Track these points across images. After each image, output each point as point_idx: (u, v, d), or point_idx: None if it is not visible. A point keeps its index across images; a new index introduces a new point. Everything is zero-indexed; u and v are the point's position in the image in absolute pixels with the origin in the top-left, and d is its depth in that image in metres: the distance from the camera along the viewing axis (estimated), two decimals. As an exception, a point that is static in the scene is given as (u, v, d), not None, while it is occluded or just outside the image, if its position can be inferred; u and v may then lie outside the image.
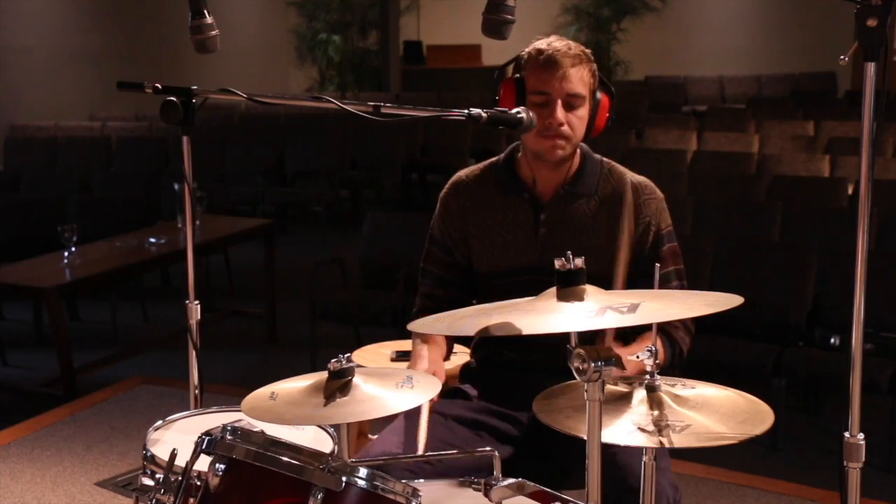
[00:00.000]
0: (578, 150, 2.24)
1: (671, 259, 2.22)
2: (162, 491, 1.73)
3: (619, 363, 1.52)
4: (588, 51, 2.19)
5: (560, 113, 2.11)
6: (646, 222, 2.19)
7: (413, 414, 2.05)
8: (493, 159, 2.33)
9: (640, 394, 1.73)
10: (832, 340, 4.05)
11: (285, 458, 1.55)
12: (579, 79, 2.12)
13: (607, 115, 2.19)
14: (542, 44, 2.14)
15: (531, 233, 2.21)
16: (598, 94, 2.17)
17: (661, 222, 2.22)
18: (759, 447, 3.91)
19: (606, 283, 2.00)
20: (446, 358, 2.33)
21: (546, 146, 2.14)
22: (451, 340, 2.35)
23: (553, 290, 1.59)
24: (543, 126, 2.10)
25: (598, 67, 2.22)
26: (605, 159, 2.28)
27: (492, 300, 2.19)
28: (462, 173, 2.35)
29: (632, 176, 2.26)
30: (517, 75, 2.17)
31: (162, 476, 1.75)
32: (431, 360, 2.22)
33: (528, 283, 2.15)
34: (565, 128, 2.12)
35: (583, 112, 2.15)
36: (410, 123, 8.39)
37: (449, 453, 2.03)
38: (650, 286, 1.80)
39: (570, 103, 2.13)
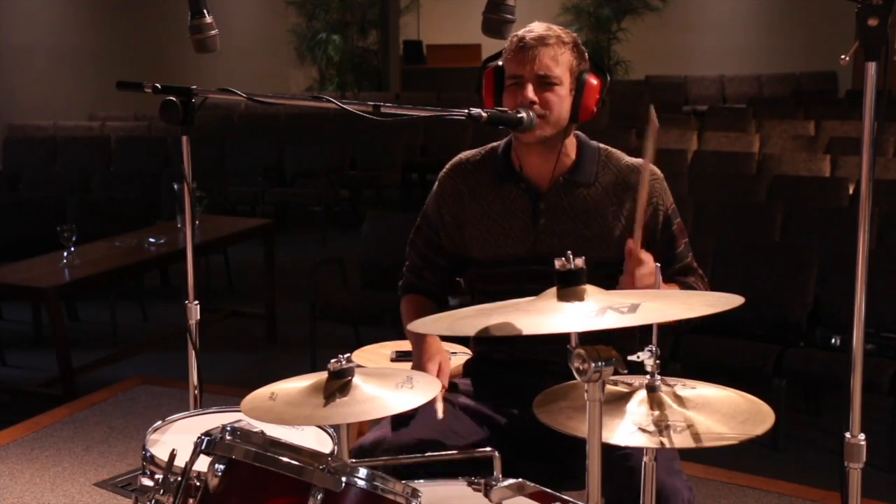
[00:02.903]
0: (575, 139, 2.24)
1: (681, 235, 2.26)
2: (161, 491, 1.72)
3: (619, 363, 1.51)
4: (573, 35, 2.18)
5: (530, 92, 2.10)
6: (654, 203, 2.21)
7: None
8: (495, 144, 2.33)
9: (640, 394, 1.73)
10: (833, 340, 4.05)
11: (285, 459, 1.55)
12: (552, 59, 2.11)
13: (597, 97, 2.17)
14: (522, 30, 2.15)
15: (529, 222, 2.22)
16: (586, 76, 2.15)
17: (667, 201, 2.24)
18: (760, 447, 3.90)
19: (607, 272, 2.01)
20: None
21: None
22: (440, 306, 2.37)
23: (553, 290, 1.58)
24: (516, 106, 2.09)
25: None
26: (601, 145, 2.28)
27: (487, 287, 2.21)
28: (464, 156, 2.35)
29: (629, 159, 2.27)
30: (499, 63, 2.18)
31: (161, 476, 1.75)
32: (436, 349, 2.22)
33: (525, 273, 2.16)
34: (537, 106, 2.10)
35: (561, 91, 2.13)
36: (410, 123, 8.39)
37: (449, 453, 2.02)
38: (665, 263, 1.81)
39: (543, 83, 2.11)
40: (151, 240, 5.16)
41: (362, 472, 1.54)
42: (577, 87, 2.15)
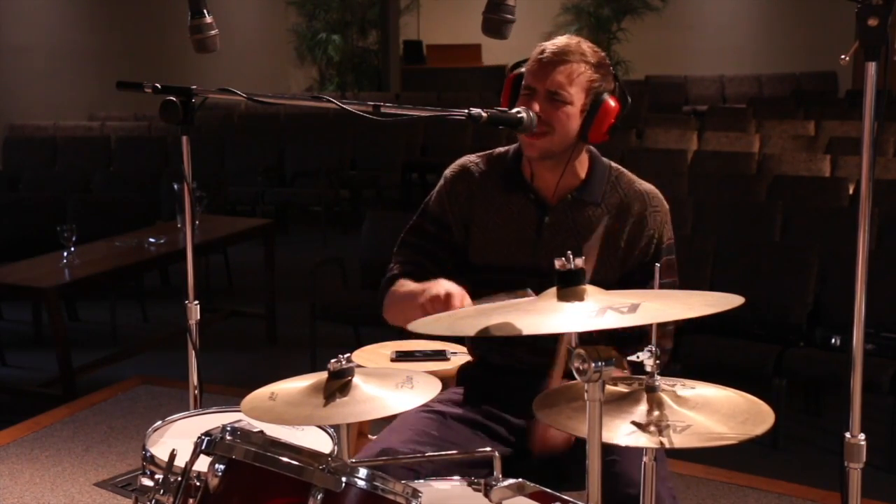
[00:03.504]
0: (587, 155, 2.21)
1: (666, 272, 2.16)
2: (161, 491, 1.72)
3: (619, 363, 1.51)
4: (601, 54, 2.14)
5: (536, 106, 2.09)
6: (650, 235, 2.19)
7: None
8: (502, 150, 2.30)
9: (640, 394, 1.73)
10: (833, 340, 4.05)
11: (285, 459, 1.55)
12: (566, 77, 2.09)
13: (612, 121, 2.12)
14: (549, 41, 2.14)
15: (533, 234, 2.20)
16: (604, 98, 2.11)
17: (664, 234, 2.20)
18: (759, 447, 3.90)
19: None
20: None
21: (525, 142, 2.13)
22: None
23: (553, 290, 1.58)
24: None
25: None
26: (613, 164, 2.25)
27: (483, 293, 2.19)
28: (470, 159, 2.30)
29: (640, 184, 2.23)
30: (522, 70, 2.17)
31: (161, 476, 1.75)
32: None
33: (524, 284, 2.14)
34: (540, 123, 2.09)
35: (570, 110, 2.10)
36: (410, 123, 8.38)
37: (449, 453, 2.02)
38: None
39: (553, 100, 2.10)
40: (151, 240, 5.16)
41: (362, 472, 1.54)
42: (592, 107, 2.11)
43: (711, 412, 1.68)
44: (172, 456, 1.74)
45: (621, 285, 2.18)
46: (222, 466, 1.59)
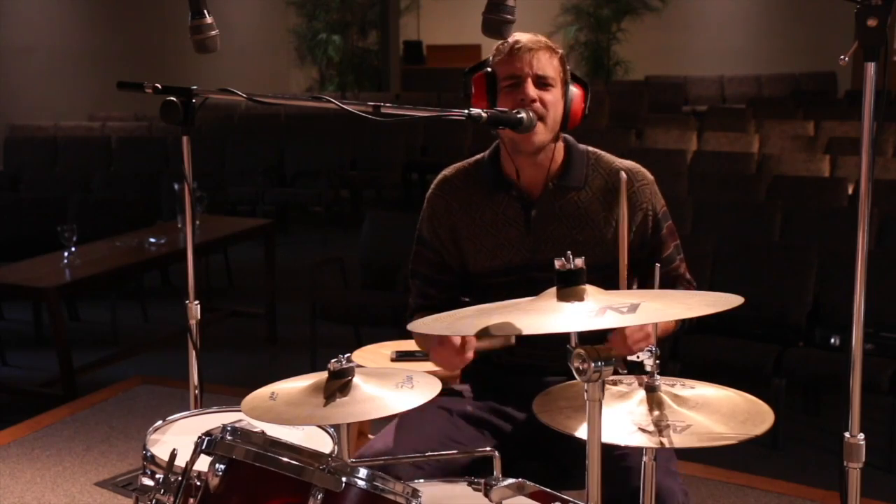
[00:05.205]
0: (563, 143, 2.23)
1: (671, 238, 2.25)
2: (162, 491, 1.73)
3: (619, 363, 1.52)
4: (555, 44, 2.19)
5: (531, 89, 2.10)
6: (644, 209, 2.20)
7: None
8: (479, 156, 2.31)
9: (640, 394, 1.73)
10: (832, 340, 4.05)
11: (285, 459, 1.55)
12: (548, 62, 2.12)
13: (583, 105, 2.18)
14: (511, 38, 2.14)
15: (523, 230, 2.21)
16: (571, 86, 2.16)
17: (657, 205, 2.23)
18: (759, 447, 3.90)
19: (603, 274, 2.02)
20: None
21: (521, 135, 2.11)
22: None
23: (553, 290, 1.58)
24: (516, 104, 2.08)
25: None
26: (589, 149, 2.27)
27: (487, 300, 2.20)
28: (448, 171, 2.31)
29: (620, 162, 2.25)
30: (487, 69, 2.16)
31: (162, 476, 1.75)
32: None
33: (523, 281, 2.15)
34: (538, 105, 2.10)
35: (556, 93, 2.13)
36: (410, 123, 8.39)
37: (449, 453, 2.03)
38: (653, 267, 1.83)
39: (541, 84, 2.11)
40: (152, 240, 5.16)
41: (362, 472, 1.54)
42: (565, 94, 2.15)
43: (711, 412, 1.69)
44: (173, 456, 1.74)
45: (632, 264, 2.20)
46: (223, 466, 1.60)
